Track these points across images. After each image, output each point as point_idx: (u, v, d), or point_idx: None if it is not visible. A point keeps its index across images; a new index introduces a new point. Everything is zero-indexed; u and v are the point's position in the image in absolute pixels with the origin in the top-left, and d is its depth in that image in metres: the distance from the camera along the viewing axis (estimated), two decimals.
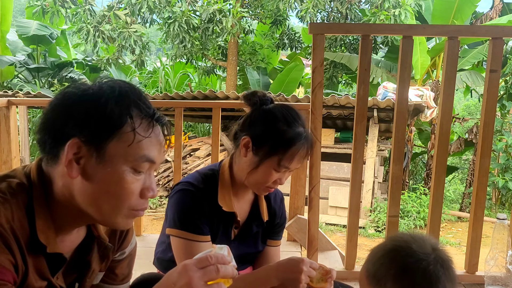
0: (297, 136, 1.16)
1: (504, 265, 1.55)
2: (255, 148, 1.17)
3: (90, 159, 0.70)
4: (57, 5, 8.10)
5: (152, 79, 10.50)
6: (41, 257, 0.74)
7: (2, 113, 2.44)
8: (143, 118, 0.73)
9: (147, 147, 0.73)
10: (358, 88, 1.83)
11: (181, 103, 2.78)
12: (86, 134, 0.70)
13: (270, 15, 8.45)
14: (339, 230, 6.01)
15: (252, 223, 1.31)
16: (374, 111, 5.71)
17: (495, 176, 6.84)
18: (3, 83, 9.68)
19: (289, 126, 1.17)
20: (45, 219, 0.73)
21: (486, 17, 7.96)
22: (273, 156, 1.16)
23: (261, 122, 1.19)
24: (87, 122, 0.70)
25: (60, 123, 0.71)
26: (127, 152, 0.71)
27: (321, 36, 1.78)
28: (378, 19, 7.24)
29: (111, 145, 0.70)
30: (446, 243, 5.66)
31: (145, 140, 0.72)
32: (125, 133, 0.71)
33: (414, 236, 0.90)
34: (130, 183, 0.73)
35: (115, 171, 0.71)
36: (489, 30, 1.88)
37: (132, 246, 0.97)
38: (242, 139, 1.18)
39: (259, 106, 1.21)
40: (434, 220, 1.88)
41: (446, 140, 1.83)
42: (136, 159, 0.72)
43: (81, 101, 0.71)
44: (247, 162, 1.19)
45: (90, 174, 0.71)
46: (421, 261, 0.83)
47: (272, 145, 1.16)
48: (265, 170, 1.18)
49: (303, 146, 1.18)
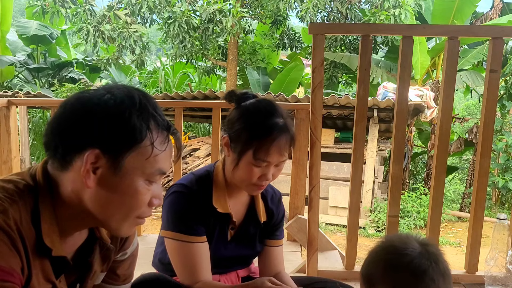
0: (270, 127, 1.13)
1: (504, 265, 1.55)
2: (233, 146, 1.16)
3: (108, 170, 0.71)
4: (57, 5, 8.10)
5: (152, 79, 10.51)
6: (46, 260, 0.74)
7: (2, 113, 2.44)
8: (160, 131, 0.74)
9: (163, 160, 0.75)
10: (358, 88, 1.83)
11: (181, 103, 2.78)
12: (107, 145, 0.70)
13: (270, 15, 8.45)
14: (339, 230, 6.01)
15: (249, 224, 1.30)
16: (374, 111, 5.71)
17: (495, 176, 6.84)
18: (3, 83, 9.68)
19: (263, 118, 1.15)
20: (50, 222, 0.73)
21: (486, 17, 7.96)
22: (248, 150, 1.13)
23: (237, 119, 1.18)
24: (109, 134, 0.70)
25: (78, 131, 0.70)
26: (144, 165, 0.72)
27: (321, 36, 1.78)
28: (378, 19, 7.24)
29: (130, 158, 0.71)
30: (446, 243, 5.66)
31: (160, 154, 0.74)
32: (144, 147, 0.72)
33: (399, 235, 0.92)
34: (144, 194, 0.74)
35: (131, 183, 0.72)
36: (489, 30, 1.88)
37: (133, 247, 0.97)
38: (222, 139, 1.19)
39: (238, 104, 1.21)
40: (434, 220, 1.88)
41: (446, 140, 1.83)
42: (152, 172, 0.74)
43: (103, 111, 0.70)
44: (230, 161, 1.19)
45: (105, 184, 0.71)
46: (405, 256, 0.84)
47: (246, 139, 1.13)
48: (244, 167, 1.15)
49: (279, 137, 1.13)
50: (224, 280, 1.28)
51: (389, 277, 0.84)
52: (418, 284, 0.82)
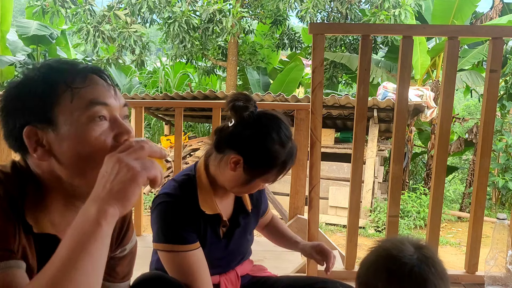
0: (289, 157, 1.16)
1: (504, 265, 1.55)
2: (247, 168, 1.14)
3: (50, 136, 0.72)
4: (57, 5, 8.10)
5: (152, 79, 10.50)
6: (34, 238, 0.74)
7: None
8: (75, 75, 0.74)
9: (90, 94, 0.73)
10: (358, 88, 1.83)
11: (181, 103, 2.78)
12: (32, 117, 0.71)
13: (270, 15, 8.46)
14: (339, 230, 6.02)
15: (238, 217, 1.30)
16: (374, 111, 5.71)
17: (495, 176, 6.85)
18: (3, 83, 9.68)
19: (282, 147, 1.14)
20: (34, 201, 0.74)
21: (486, 17, 7.97)
22: (266, 176, 1.16)
23: (254, 143, 1.13)
24: (27, 108, 0.72)
25: (11, 123, 0.74)
26: (74, 108, 0.71)
27: (321, 36, 1.78)
28: (378, 19, 7.24)
29: (57, 112, 0.71)
30: (446, 243, 5.66)
31: (83, 89, 0.73)
32: (64, 95, 0.72)
33: (393, 242, 0.90)
34: (95, 131, 0.72)
35: (75, 130, 0.71)
36: (489, 30, 1.88)
37: (132, 243, 0.97)
38: (232, 157, 1.14)
39: (249, 120, 1.15)
40: (434, 220, 1.88)
41: (446, 140, 1.83)
42: (85, 108, 0.72)
43: (15, 95, 0.74)
44: (235, 177, 1.17)
45: (58, 148, 0.72)
46: (405, 265, 0.83)
47: (267, 168, 1.15)
48: (254, 185, 1.18)
49: (292, 162, 1.19)
50: (224, 281, 1.28)
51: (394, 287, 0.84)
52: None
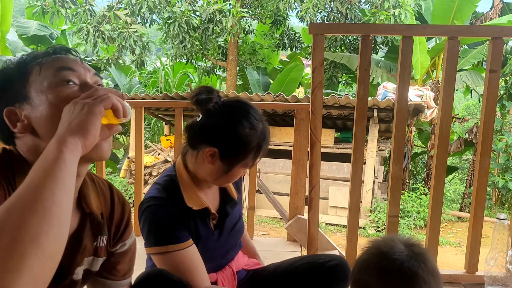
0: (262, 139, 1.17)
1: (504, 265, 1.55)
2: (224, 158, 1.16)
3: (27, 109, 0.75)
4: (57, 5, 8.10)
5: (152, 79, 10.50)
6: None
7: None
8: (44, 56, 0.78)
9: (57, 63, 0.77)
10: (358, 88, 1.83)
11: (181, 103, 2.77)
12: (9, 100, 0.76)
13: (270, 15, 8.46)
14: (339, 230, 6.02)
15: (225, 207, 1.30)
16: (374, 111, 5.71)
17: (495, 176, 6.85)
18: None
19: (254, 130, 1.15)
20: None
21: (486, 17, 7.97)
22: (244, 162, 1.17)
23: (225, 133, 1.14)
24: (4, 92, 0.76)
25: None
26: (43, 78, 0.75)
27: (321, 36, 1.78)
28: (378, 19, 7.24)
29: (29, 86, 0.75)
30: (446, 243, 5.66)
31: (50, 61, 0.77)
32: (33, 71, 0.76)
33: (384, 239, 0.93)
34: (64, 92, 0.75)
35: (48, 96, 0.74)
36: (489, 30, 1.88)
37: (132, 239, 0.98)
38: (207, 151, 1.15)
39: (213, 110, 1.15)
40: (434, 220, 1.88)
41: (446, 140, 1.83)
42: (54, 76, 0.75)
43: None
44: (214, 169, 1.18)
45: (35, 119, 0.75)
46: (394, 261, 0.85)
47: (243, 155, 1.16)
48: (234, 173, 1.19)
49: (267, 145, 1.20)
50: (221, 279, 1.29)
51: (385, 284, 0.86)
52: (411, 287, 0.84)
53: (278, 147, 6.46)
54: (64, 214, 0.58)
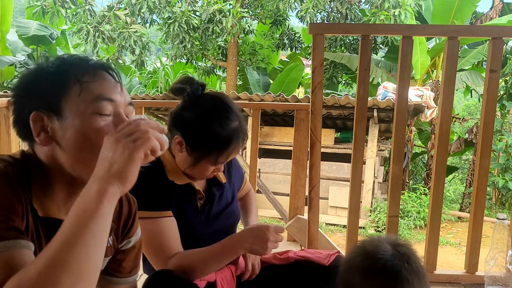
0: (231, 137, 1.15)
1: (504, 265, 1.55)
2: (190, 149, 1.16)
3: (54, 124, 0.74)
4: (57, 6, 8.10)
5: (152, 79, 10.50)
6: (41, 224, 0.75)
7: (2, 113, 2.44)
8: (85, 71, 0.76)
9: (98, 89, 0.75)
10: (358, 88, 1.83)
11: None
12: (40, 104, 0.74)
13: (270, 15, 8.46)
14: (339, 230, 6.02)
15: (211, 188, 1.30)
16: (374, 111, 5.71)
17: (495, 176, 6.85)
18: (3, 83, 9.68)
19: (222, 128, 1.14)
20: (40, 185, 0.75)
21: (486, 17, 7.97)
22: (208, 157, 1.16)
23: (192, 123, 1.15)
24: (37, 94, 0.75)
25: (21, 108, 0.76)
26: (81, 101, 0.74)
27: (321, 36, 1.78)
28: (378, 19, 7.24)
29: (65, 103, 0.74)
30: (446, 243, 5.66)
31: (92, 84, 0.75)
32: (72, 87, 0.74)
33: (371, 239, 0.93)
34: (99, 124, 0.74)
35: (81, 122, 0.73)
36: (489, 30, 1.88)
37: (137, 236, 0.98)
38: (175, 138, 1.17)
39: (188, 101, 1.18)
40: (434, 220, 1.88)
41: (446, 140, 1.83)
42: (92, 103, 0.74)
43: (27, 82, 0.77)
44: (183, 158, 1.19)
45: (61, 136, 0.74)
46: (378, 260, 0.85)
47: (206, 148, 1.15)
48: (202, 167, 1.19)
49: (237, 143, 1.17)
50: (220, 280, 1.27)
51: (368, 282, 0.86)
52: (394, 286, 0.84)
53: (278, 147, 6.46)
54: (97, 270, 0.62)
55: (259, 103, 4.59)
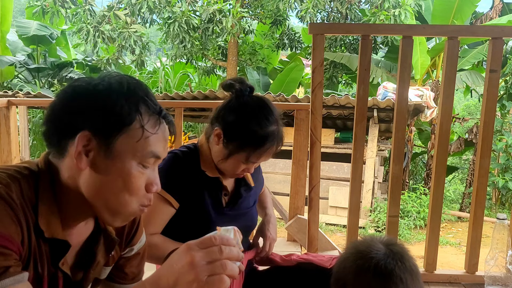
0: (266, 137, 1.20)
1: (504, 265, 1.55)
2: (226, 141, 1.22)
3: (99, 153, 0.71)
4: (57, 5, 8.10)
5: (152, 79, 10.50)
6: (46, 245, 0.74)
7: (2, 113, 2.44)
8: (151, 115, 0.74)
9: (154, 143, 0.74)
10: (358, 88, 1.83)
11: (181, 103, 2.77)
12: (96, 128, 0.71)
13: (270, 15, 8.46)
14: (339, 230, 6.01)
15: (240, 188, 1.36)
16: (374, 111, 5.71)
17: (495, 176, 6.84)
18: (3, 83, 9.68)
19: (260, 127, 1.20)
20: (49, 204, 0.73)
21: (486, 17, 7.97)
22: (241, 152, 1.21)
23: (233, 117, 1.22)
24: (97, 116, 0.71)
25: (69, 117, 0.72)
26: (135, 148, 0.72)
27: (321, 36, 1.78)
28: (378, 19, 7.24)
29: (120, 141, 0.71)
30: (446, 243, 5.66)
31: (152, 136, 0.74)
32: (134, 130, 0.72)
33: (364, 239, 0.93)
34: (137, 178, 0.74)
35: (123, 165, 0.72)
36: (489, 30, 1.88)
37: (141, 244, 0.97)
38: (215, 130, 1.24)
39: (234, 98, 1.25)
40: (434, 220, 1.88)
41: (446, 140, 1.83)
42: (143, 155, 0.73)
43: (91, 95, 0.72)
44: (218, 150, 1.25)
45: (98, 167, 0.72)
46: (371, 259, 0.85)
47: (241, 143, 1.20)
48: (233, 162, 1.24)
49: (272, 145, 1.22)
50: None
51: (360, 282, 0.86)
52: (387, 285, 0.83)
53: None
54: None
55: None
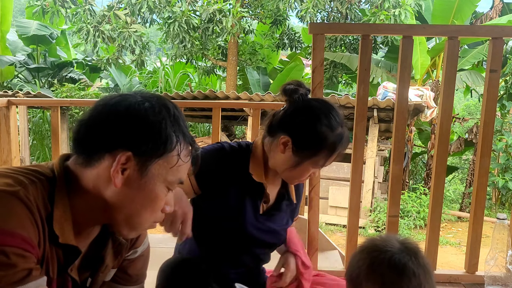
0: (339, 140, 1.17)
1: (504, 265, 1.55)
2: (296, 149, 1.17)
3: (135, 172, 0.74)
4: (57, 5, 8.10)
5: (152, 79, 10.50)
6: (58, 249, 0.75)
7: (2, 113, 2.44)
8: (186, 144, 0.79)
9: (183, 171, 0.79)
10: (358, 88, 1.83)
11: (181, 103, 2.78)
12: (140, 150, 0.74)
13: (270, 15, 8.45)
14: (339, 230, 6.02)
15: (282, 201, 1.31)
16: (374, 111, 5.71)
17: (495, 176, 6.84)
18: (3, 83, 9.68)
19: (331, 129, 1.16)
20: (63, 210, 0.75)
21: (486, 17, 7.96)
22: (314, 158, 1.18)
23: (302, 124, 1.17)
24: (144, 140, 0.74)
25: (114, 132, 0.74)
26: (168, 173, 0.77)
27: (321, 36, 1.78)
28: (378, 19, 7.24)
29: (157, 164, 0.75)
30: (446, 243, 5.66)
31: (184, 165, 0.79)
32: (171, 156, 0.76)
33: (380, 235, 0.95)
34: (162, 200, 0.79)
35: (154, 187, 0.76)
36: (489, 30, 1.88)
37: (144, 246, 0.98)
38: (281, 138, 1.17)
39: (301, 102, 1.20)
40: (434, 220, 1.88)
41: (446, 140, 1.83)
42: (173, 181, 0.78)
43: (142, 117, 0.74)
44: (284, 159, 1.19)
45: (130, 184, 0.75)
46: (386, 252, 0.87)
47: (315, 150, 1.17)
48: (303, 169, 1.19)
49: (343, 148, 1.20)
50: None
51: (374, 275, 0.87)
52: (401, 278, 0.85)
53: None
54: None
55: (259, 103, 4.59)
